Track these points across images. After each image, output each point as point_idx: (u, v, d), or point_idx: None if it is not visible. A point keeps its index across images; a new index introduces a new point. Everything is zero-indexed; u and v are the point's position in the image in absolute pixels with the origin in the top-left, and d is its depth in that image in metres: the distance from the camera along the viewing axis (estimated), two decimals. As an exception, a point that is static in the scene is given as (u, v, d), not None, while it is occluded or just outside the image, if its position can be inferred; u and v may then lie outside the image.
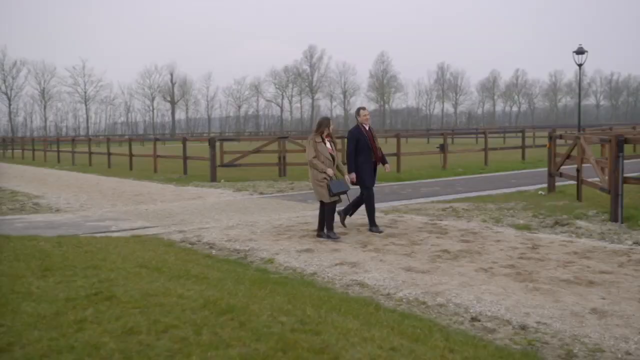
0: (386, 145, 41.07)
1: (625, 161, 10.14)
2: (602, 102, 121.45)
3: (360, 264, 7.39)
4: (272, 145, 21.00)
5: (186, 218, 11.42)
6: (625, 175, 10.03)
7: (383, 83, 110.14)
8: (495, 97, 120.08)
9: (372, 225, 9.65)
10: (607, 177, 10.45)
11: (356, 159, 9.55)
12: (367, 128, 9.72)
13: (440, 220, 10.60)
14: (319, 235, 9.15)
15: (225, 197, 14.95)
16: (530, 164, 23.68)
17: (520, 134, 28.40)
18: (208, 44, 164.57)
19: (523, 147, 26.37)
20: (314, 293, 5.77)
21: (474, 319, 5.32)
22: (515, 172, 20.92)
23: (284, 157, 19.90)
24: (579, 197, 12.32)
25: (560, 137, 15.17)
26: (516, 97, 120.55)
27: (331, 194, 8.94)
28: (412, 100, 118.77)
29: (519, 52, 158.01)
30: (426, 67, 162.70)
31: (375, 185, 9.90)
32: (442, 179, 18.70)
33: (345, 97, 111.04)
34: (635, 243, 8.32)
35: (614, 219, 9.82)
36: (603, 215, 10.32)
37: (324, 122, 9.34)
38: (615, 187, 9.84)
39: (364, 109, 9.94)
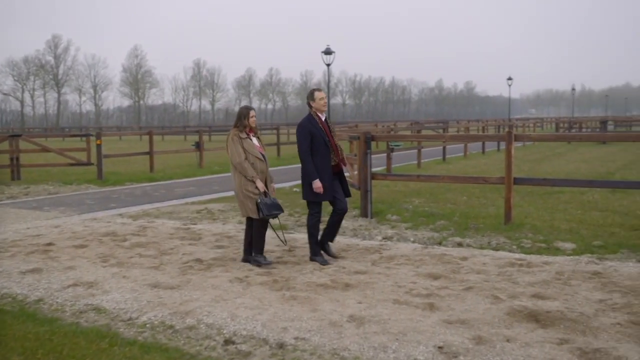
0: (140, 143, 39.10)
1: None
2: (347, 101, 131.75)
3: (99, 283, 6.34)
4: (3, 144, 18.27)
5: None
6: (372, 170, 10.30)
7: (137, 78, 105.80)
8: (252, 95, 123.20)
9: (321, 253, 7.19)
10: (356, 173, 10.66)
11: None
12: (323, 119, 7.19)
13: (195, 224, 9.87)
14: (246, 260, 7.16)
15: (-63, 207, 12.44)
16: (285, 160, 24.11)
17: (275, 131, 28.87)
18: None
19: (278, 144, 26.79)
20: (31, 330, 4.64)
21: (227, 342, 4.68)
22: (272, 169, 20.94)
23: (17, 158, 17.41)
24: (331, 193, 12.51)
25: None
26: (271, 95, 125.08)
27: (261, 215, 6.91)
28: (168, 97, 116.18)
29: (272, 51, 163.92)
30: (182, 63, 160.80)
31: (346, 201, 7.27)
32: (199, 178, 18.02)
33: (96, 91, 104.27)
34: (385, 238, 8.48)
35: (364, 214, 10.02)
36: (354, 211, 10.50)
37: (244, 112, 7.09)
38: (364, 183, 10.04)
39: (319, 90, 7.23)
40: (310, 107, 7.16)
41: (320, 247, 7.24)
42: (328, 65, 35.65)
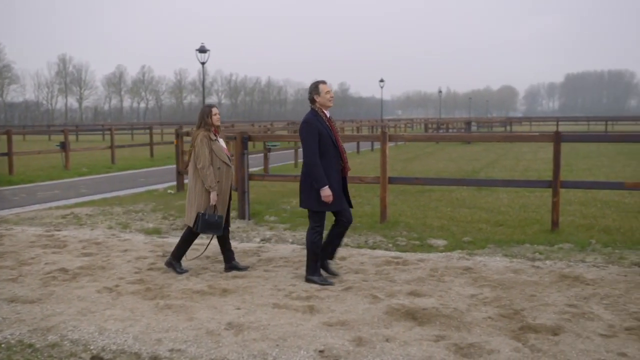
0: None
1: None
2: (223, 101, 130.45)
3: (-54, 301, 5.68)
4: None
5: None
6: (249, 171, 10.13)
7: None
8: (123, 93, 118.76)
9: (321, 272, 6.25)
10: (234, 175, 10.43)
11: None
12: (327, 116, 6.17)
13: (59, 230, 9.19)
14: (229, 268, 6.59)
15: None
16: (159, 161, 23.32)
17: (148, 131, 27.86)
18: None
19: (151, 144, 25.86)
20: None
21: (95, 358, 4.33)
22: (145, 170, 20.27)
23: None
24: (207, 195, 12.18)
25: (187, 134, 14.98)
26: (143, 93, 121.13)
27: (196, 230, 6.41)
28: (30, 94, 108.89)
29: (144, 48, 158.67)
30: (46, 58, 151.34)
31: (350, 212, 6.37)
32: (64, 181, 16.92)
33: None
34: (263, 240, 8.35)
35: (242, 216, 9.82)
36: (232, 212, 10.26)
37: (206, 111, 6.44)
38: (242, 184, 9.85)
39: (324, 83, 6.17)
40: (314, 102, 6.14)
41: (319, 265, 6.22)
42: (203, 63, 34.94)
